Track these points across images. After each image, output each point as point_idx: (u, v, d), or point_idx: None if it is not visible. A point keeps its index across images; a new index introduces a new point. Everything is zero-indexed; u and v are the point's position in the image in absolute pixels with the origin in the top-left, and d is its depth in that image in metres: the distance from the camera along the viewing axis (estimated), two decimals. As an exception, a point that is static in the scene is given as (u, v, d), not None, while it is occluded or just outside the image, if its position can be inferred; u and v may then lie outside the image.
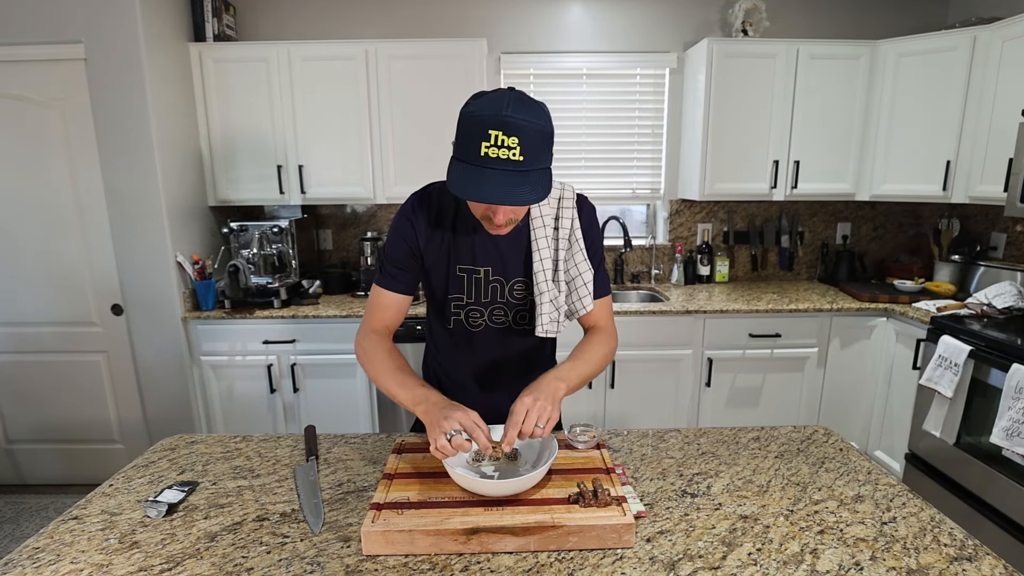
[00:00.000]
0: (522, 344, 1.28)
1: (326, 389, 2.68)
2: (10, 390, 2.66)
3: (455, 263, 1.18)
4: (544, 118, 0.95)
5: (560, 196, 1.19)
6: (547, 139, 0.96)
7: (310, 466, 1.13)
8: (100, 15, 2.30)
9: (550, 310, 1.17)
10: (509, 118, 0.90)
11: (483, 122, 0.91)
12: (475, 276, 1.19)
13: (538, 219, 1.16)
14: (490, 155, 0.91)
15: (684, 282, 3.16)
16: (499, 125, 0.90)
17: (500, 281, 1.20)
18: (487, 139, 0.91)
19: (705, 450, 1.22)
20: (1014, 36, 2.30)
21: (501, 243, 1.17)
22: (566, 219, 1.18)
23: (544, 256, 1.16)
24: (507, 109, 0.91)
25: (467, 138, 0.93)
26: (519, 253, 1.19)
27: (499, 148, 0.91)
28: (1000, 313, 2.31)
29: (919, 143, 2.65)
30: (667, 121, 3.11)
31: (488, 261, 1.18)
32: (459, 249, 1.17)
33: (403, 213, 1.18)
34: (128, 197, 2.45)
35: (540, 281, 1.16)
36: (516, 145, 0.91)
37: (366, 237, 2.92)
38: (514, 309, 1.22)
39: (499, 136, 0.90)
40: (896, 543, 0.90)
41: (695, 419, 2.75)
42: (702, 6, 3.00)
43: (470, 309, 1.22)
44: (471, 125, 0.93)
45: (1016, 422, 1.85)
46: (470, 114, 0.94)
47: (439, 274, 1.20)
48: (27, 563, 0.87)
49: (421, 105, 2.70)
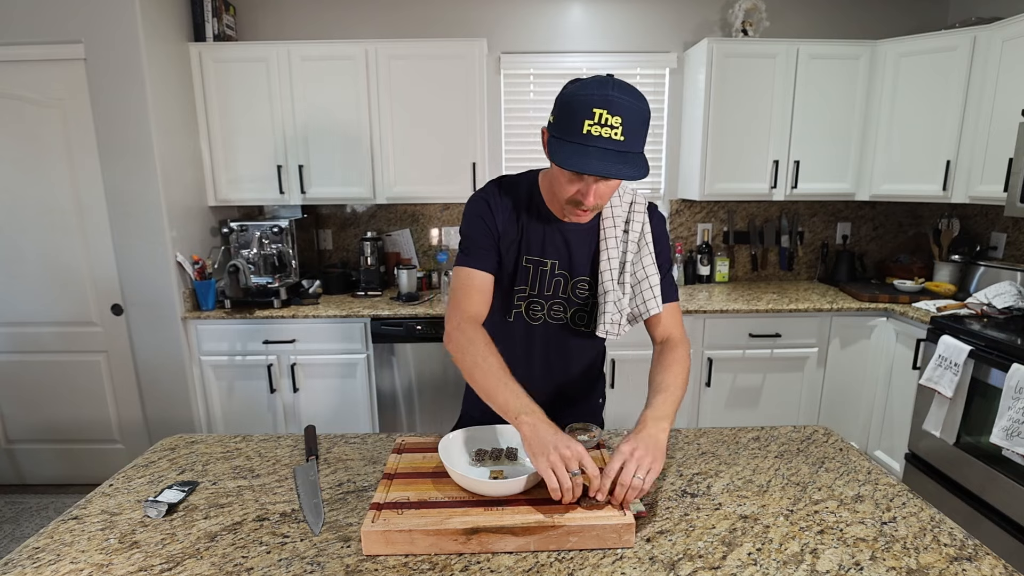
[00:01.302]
0: (576, 346, 1.27)
1: (326, 389, 2.68)
2: (10, 390, 2.66)
3: (524, 253, 1.19)
4: (644, 102, 0.97)
5: (632, 200, 1.20)
6: (646, 123, 0.97)
7: (310, 466, 1.13)
8: (100, 15, 2.30)
9: (613, 311, 1.17)
10: (614, 98, 0.93)
11: (589, 101, 0.93)
12: (541, 268, 1.19)
13: (609, 219, 1.17)
14: (592, 133, 0.93)
15: (684, 282, 3.16)
16: (604, 104, 0.92)
17: (564, 276, 1.20)
18: (591, 117, 0.93)
19: (705, 450, 1.22)
20: (1014, 36, 2.30)
21: (571, 239, 1.18)
22: (636, 222, 1.19)
23: (612, 256, 1.17)
24: (613, 90, 0.93)
25: (569, 116, 0.95)
26: (587, 251, 1.20)
27: (602, 127, 0.93)
28: (1000, 313, 2.31)
29: (919, 143, 2.65)
30: (667, 121, 3.11)
31: (556, 255, 1.19)
32: (529, 240, 1.18)
33: (481, 196, 1.19)
34: (128, 197, 2.45)
35: (606, 280, 1.17)
36: (619, 124, 0.93)
37: (366, 237, 2.92)
38: (574, 307, 1.23)
39: (603, 115, 0.92)
40: (896, 543, 0.90)
41: (695, 419, 2.75)
42: (702, 6, 3.00)
43: (532, 301, 1.22)
44: (575, 103, 0.95)
45: (1016, 422, 1.85)
46: (573, 93, 0.96)
47: (508, 263, 1.20)
48: (27, 563, 0.87)
49: (421, 105, 2.70)
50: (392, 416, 2.71)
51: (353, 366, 2.64)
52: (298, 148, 2.74)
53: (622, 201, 1.19)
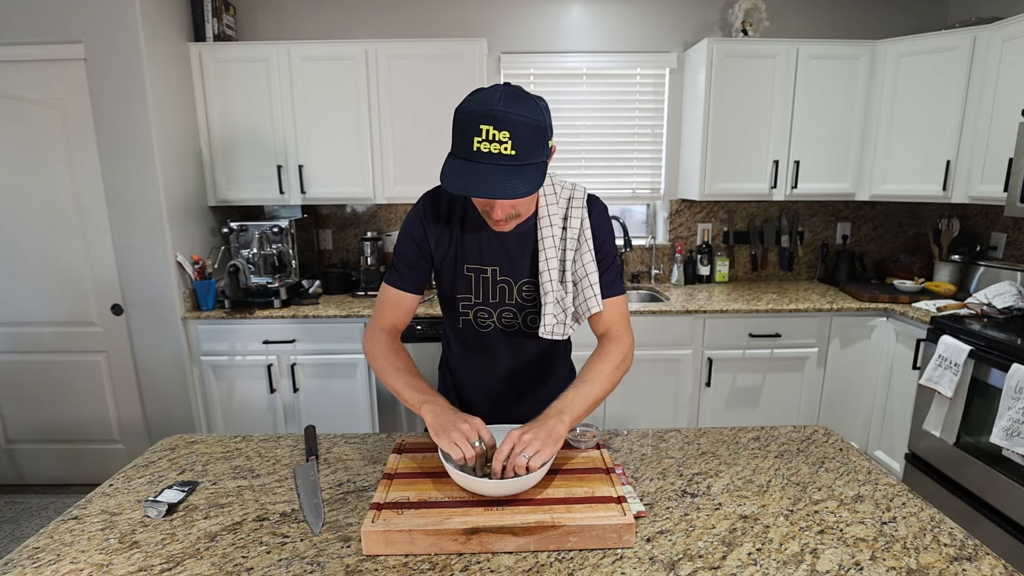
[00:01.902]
0: (534, 347, 1.27)
1: (326, 389, 2.68)
2: (10, 390, 2.66)
3: (462, 262, 1.18)
4: (537, 112, 0.95)
5: (571, 196, 1.18)
6: (540, 132, 0.95)
7: (310, 466, 1.13)
8: (100, 15, 2.30)
9: (555, 311, 1.15)
10: (500, 112, 0.91)
11: (474, 117, 0.92)
12: (483, 276, 1.18)
13: (545, 219, 1.15)
14: (482, 150, 0.91)
15: (684, 282, 3.16)
16: (490, 120, 0.91)
17: (508, 282, 1.19)
18: (478, 134, 0.91)
19: (705, 450, 1.22)
20: (1014, 36, 2.30)
21: (508, 243, 1.17)
22: (575, 219, 1.16)
23: (550, 256, 1.15)
24: (498, 104, 0.91)
25: (460, 133, 0.94)
26: (527, 254, 1.18)
27: (491, 143, 0.91)
28: (1000, 313, 2.31)
29: (919, 143, 2.65)
30: (667, 121, 3.11)
31: (495, 261, 1.17)
32: (467, 248, 1.17)
33: (414, 212, 1.19)
34: (128, 197, 2.45)
35: (545, 281, 1.15)
36: (507, 139, 0.91)
37: (366, 237, 2.92)
38: (524, 311, 1.21)
39: (490, 131, 0.91)
40: (896, 543, 0.90)
41: (695, 419, 2.75)
42: (702, 6, 3.00)
43: (478, 309, 1.21)
44: (463, 120, 0.94)
45: (1016, 422, 1.85)
46: (463, 110, 0.95)
47: (448, 273, 1.20)
48: (27, 563, 0.87)
49: (421, 105, 2.70)
50: (392, 416, 2.71)
51: (353, 366, 2.64)
52: (298, 148, 2.74)
53: (559, 199, 1.17)
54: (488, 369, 1.29)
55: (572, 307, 1.18)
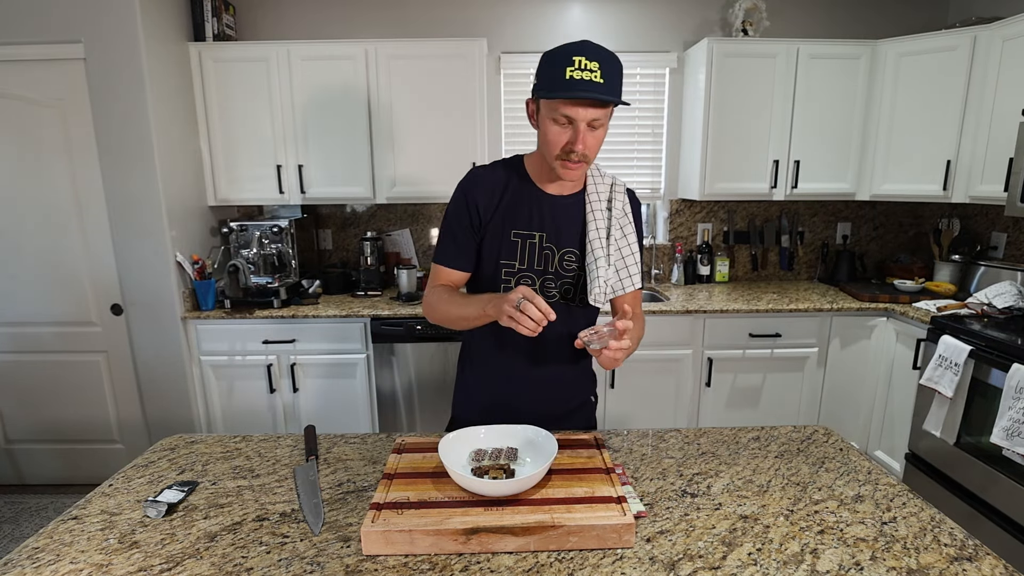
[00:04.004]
0: (568, 324, 1.24)
1: (326, 389, 2.68)
2: (10, 390, 2.66)
3: (510, 227, 1.22)
4: (618, 58, 1.07)
5: (613, 182, 1.28)
6: (620, 72, 1.07)
7: (310, 466, 1.13)
8: (99, 15, 2.30)
9: (602, 277, 1.20)
10: (589, 46, 1.04)
11: (566, 51, 1.04)
12: (530, 241, 1.22)
13: (593, 193, 1.24)
14: (575, 77, 1.02)
15: (684, 282, 3.16)
16: (581, 51, 1.03)
17: (552, 249, 1.23)
18: (571, 64, 1.02)
19: (705, 450, 1.22)
20: (1014, 36, 2.29)
21: (557, 212, 1.23)
22: (618, 200, 1.26)
23: (600, 226, 1.22)
24: (586, 43, 1.05)
25: (551, 67, 1.05)
26: (574, 223, 1.24)
27: (583, 71, 1.02)
28: (1000, 313, 2.31)
29: (919, 143, 2.65)
30: (667, 121, 3.11)
31: (543, 227, 1.22)
32: (515, 214, 1.22)
33: (459, 188, 1.25)
34: (128, 197, 2.45)
35: (596, 248, 1.21)
36: (597, 68, 1.02)
37: (366, 237, 2.92)
38: (562, 281, 1.25)
39: (582, 60, 1.02)
40: (896, 543, 0.90)
41: (695, 419, 2.75)
42: (702, 6, 3.00)
43: (522, 276, 1.23)
44: (554, 56, 1.05)
45: (1016, 422, 1.84)
46: (552, 52, 1.07)
47: (493, 240, 1.23)
48: (27, 563, 0.87)
49: (421, 105, 2.70)
50: (392, 416, 2.71)
51: (353, 366, 2.64)
52: (298, 148, 2.74)
53: (603, 180, 1.27)
54: (519, 347, 1.27)
55: (612, 279, 1.24)
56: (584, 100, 1.03)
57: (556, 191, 1.23)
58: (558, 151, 1.11)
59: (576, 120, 1.06)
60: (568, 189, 1.24)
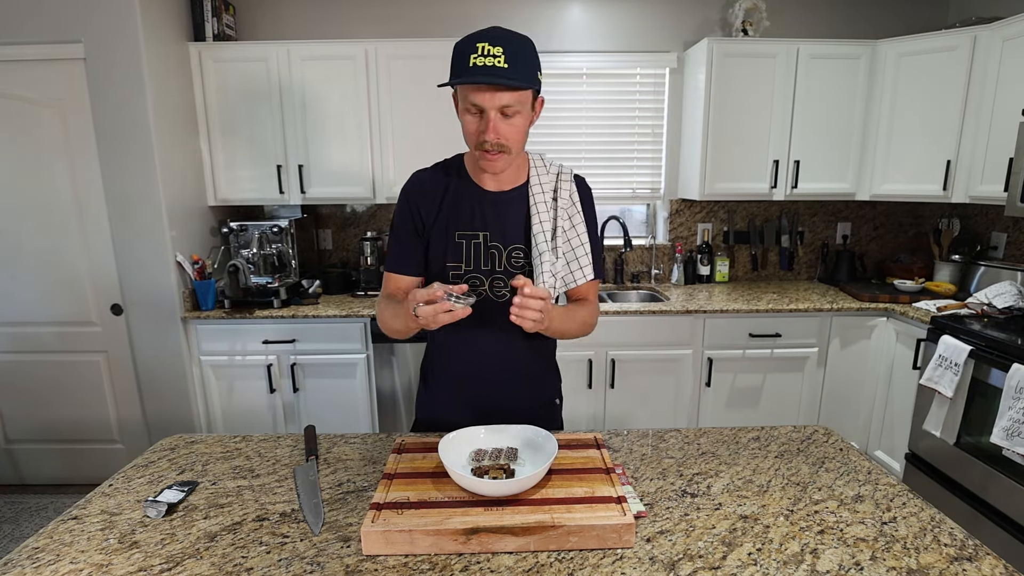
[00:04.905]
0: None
1: (326, 389, 2.68)
2: (10, 390, 2.66)
3: (454, 228, 1.20)
4: (527, 39, 1.06)
5: (559, 171, 1.24)
6: (529, 55, 1.05)
7: (310, 466, 1.13)
8: (99, 15, 2.30)
9: (551, 269, 1.18)
10: (494, 31, 1.03)
11: (470, 39, 1.03)
12: (474, 241, 1.20)
13: (537, 186, 1.21)
14: (477, 64, 1.01)
15: (684, 282, 3.16)
16: (484, 37, 1.02)
17: (498, 248, 1.20)
18: (474, 51, 1.01)
19: (705, 450, 1.22)
20: (1014, 36, 2.29)
21: (500, 209, 1.20)
22: (564, 190, 1.23)
23: (544, 219, 1.19)
24: (493, 29, 1.04)
25: (458, 57, 1.04)
26: (517, 219, 1.21)
27: (485, 57, 1.00)
28: (1000, 313, 2.31)
29: (919, 143, 2.65)
30: (667, 121, 3.11)
31: (486, 225, 1.20)
32: (458, 215, 1.21)
33: (402, 193, 1.26)
34: (128, 197, 2.45)
35: (540, 242, 1.18)
36: (501, 54, 1.00)
37: (366, 237, 2.92)
38: (512, 279, 1.22)
39: (485, 47, 1.01)
40: (896, 543, 0.90)
41: (695, 419, 2.75)
42: (702, 6, 3.00)
43: (470, 278, 1.21)
44: (461, 45, 1.04)
45: (1016, 422, 1.84)
46: (460, 40, 1.05)
47: (439, 242, 1.21)
48: (27, 563, 0.87)
49: (421, 105, 2.70)
50: (392, 416, 2.71)
51: (353, 366, 2.64)
52: (298, 148, 2.74)
53: (548, 172, 1.24)
54: (478, 350, 1.26)
55: (561, 273, 1.22)
56: (489, 86, 1.01)
57: (495, 187, 1.21)
58: (474, 143, 1.09)
59: (485, 108, 1.04)
60: (508, 183, 1.21)
